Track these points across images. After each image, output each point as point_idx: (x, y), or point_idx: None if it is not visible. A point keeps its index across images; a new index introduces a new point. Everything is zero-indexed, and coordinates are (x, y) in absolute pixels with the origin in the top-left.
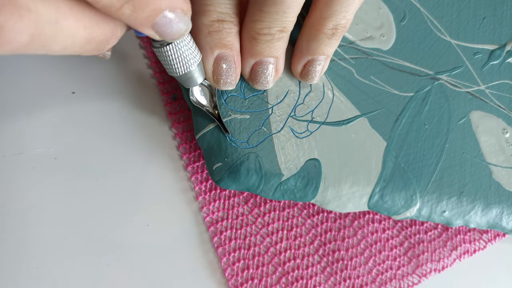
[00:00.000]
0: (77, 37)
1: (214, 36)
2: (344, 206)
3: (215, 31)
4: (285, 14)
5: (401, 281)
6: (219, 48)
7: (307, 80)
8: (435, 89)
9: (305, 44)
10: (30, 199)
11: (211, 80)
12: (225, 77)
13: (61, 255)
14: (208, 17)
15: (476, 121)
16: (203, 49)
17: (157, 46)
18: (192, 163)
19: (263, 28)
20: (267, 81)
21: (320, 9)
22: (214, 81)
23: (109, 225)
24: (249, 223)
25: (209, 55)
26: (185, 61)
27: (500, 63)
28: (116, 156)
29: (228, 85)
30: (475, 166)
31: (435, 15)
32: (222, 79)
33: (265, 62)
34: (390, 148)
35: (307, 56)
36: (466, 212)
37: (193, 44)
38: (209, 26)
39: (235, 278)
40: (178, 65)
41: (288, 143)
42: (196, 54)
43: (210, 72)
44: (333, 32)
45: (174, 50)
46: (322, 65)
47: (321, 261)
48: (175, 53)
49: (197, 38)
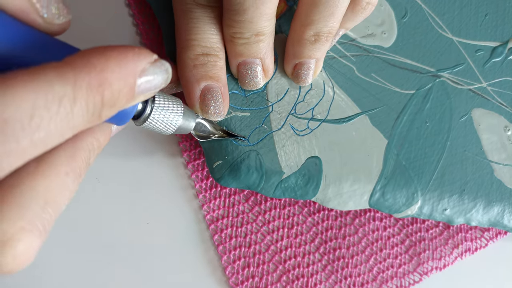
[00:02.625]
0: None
1: (199, 69)
2: (345, 204)
3: (200, 64)
4: (251, 23)
5: (402, 279)
6: (205, 80)
7: (299, 82)
8: (437, 87)
9: (291, 48)
10: None
11: (199, 111)
12: (213, 108)
13: (61, 253)
14: (192, 51)
15: (477, 119)
16: (189, 82)
17: (139, 124)
18: (193, 161)
19: (236, 33)
20: (254, 82)
21: (301, 16)
22: (202, 112)
23: (110, 222)
24: (249, 221)
25: (196, 87)
26: (170, 120)
27: (502, 60)
28: (116, 154)
29: (217, 115)
30: (476, 164)
31: (437, 12)
32: (211, 110)
33: (248, 63)
34: (391, 146)
35: (295, 59)
36: (467, 210)
37: (169, 101)
38: (194, 60)
39: (236, 276)
40: (167, 126)
41: (289, 141)
42: (177, 108)
43: (198, 104)
44: (315, 39)
45: (154, 121)
46: (312, 68)
47: (322, 259)
48: (156, 122)
49: (183, 71)
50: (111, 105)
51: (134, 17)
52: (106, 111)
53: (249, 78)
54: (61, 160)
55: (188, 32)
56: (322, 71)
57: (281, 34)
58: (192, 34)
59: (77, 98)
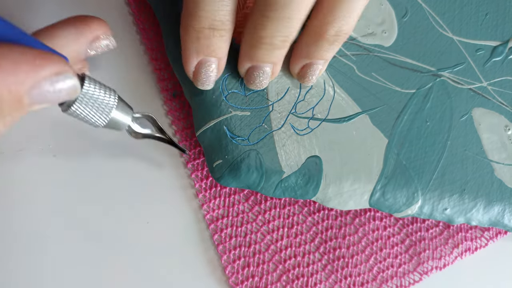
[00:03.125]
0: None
1: (201, 42)
2: (345, 204)
3: (204, 37)
4: (289, 20)
5: (402, 278)
6: (204, 54)
7: (304, 82)
8: (437, 86)
9: (304, 48)
10: (29, 196)
11: (190, 77)
12: (204, 80)
13: (61, 252)
14: (198, 22)
15: (478, 118)
16: (189, 51)
17: (64, 109)
18: (192, 160)
19: (265, 37)
20: (262, 84)
21: (323, 14)
22: (193, 81)
23: (109, 222)
24: (249, 221)
25: (194, 58)
26: (99, 113)
27: (502, 60)
28: (115, 153)
29: (206, 86)
30: (477, 163)
31: (437, 11)
32: (201, 81)
33: (261, 67)
34: (391, 145)
35: (306, 59)
36: (467, 210)
37: (100, 90)
38: (198, 32)
39: (236, 276)
40: (94, 119)
41: (289, 140)
42: (108, 100)
43: (191, 73)
44: (334, 39)
45: (81, 108)
46: (320, 68)
47: (322, 259)
48: (83, 110)
49: (185, 39)
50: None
51: (134, 17)
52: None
53: (258, 80)
54: None
55: (198, 2)
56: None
57: None
58: (202, 5)
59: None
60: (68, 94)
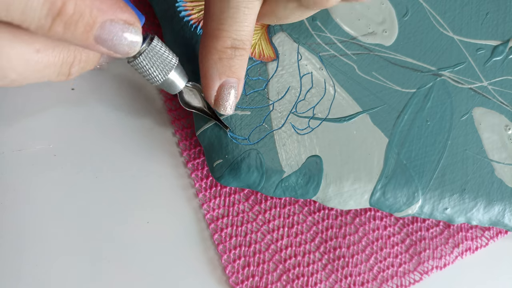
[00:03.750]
0: (31, 61)
1: (224, 63)
2: (345, 203)
3: (227, 58)
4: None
5: (403, 278)
6: (226, 75)
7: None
8: (438, 85)
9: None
10: (30, 196)
11: (211, 103)
12: (227, 104)
13: (61, 252)
14: (221, 42)
15: (478, 118)
16: (210, 74)
17: (130, 60)
18: (193, 160)
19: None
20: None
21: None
22: (215, 105)
23: (109, 222)
24: (249, 220)
25: (216, 81)
26: (160, 69)
27: (503, 59)
28: (115, 152)
29: (229, 110)
30: (477, 163)
31: (438, 10)
32: (224, 105)
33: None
34: (392, 145)
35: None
36: (468, 209)
37: (165, 50)
38: (220, 52)
39: (236, 276)
40: (154, 74)
41: (290, 140)
42: (170, 60)
43: (213, 97)
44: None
45: (145, 62)
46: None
47: (322, 259)
48: (147, 64)
49: (206, 61)
50: (65, 20)
51: None
52: (58, 23)
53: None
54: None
55: (221, 22)
56: (323, 69)
57: (282, 32)
58: (225, 25)
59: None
60: (129, 46)
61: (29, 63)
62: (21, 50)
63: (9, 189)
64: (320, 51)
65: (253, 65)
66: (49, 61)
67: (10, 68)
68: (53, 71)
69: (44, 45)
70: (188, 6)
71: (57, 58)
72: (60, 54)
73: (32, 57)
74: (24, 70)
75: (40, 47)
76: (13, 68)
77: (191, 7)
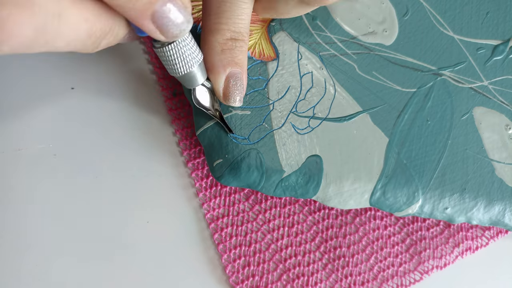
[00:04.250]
0: (80, 30)
1: (227, 54)
2: (345, 203)
3: (228, 49)
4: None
5: (403, 278)
6: (231, 66)
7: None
8: (438, 85)
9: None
10: (30, 196)
11: (220, 97)
12: (235, 94)
13: (61, 251)
14: (222, 35)
15: (479, 117)
16: (215, 67)
17: (158, 46)
18: (193, 160)
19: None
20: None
21: None
22: (223, 98)
23: (109, 221)
24: (250, 220)
25: (222, 72)
26: (187, 60)
27: (503, 59)
28: (116, 152)
29: (238, 102)
30: (477, 162)
31: (438, 9)
32: (233, 96)
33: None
34: (392, 145)
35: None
36: (468, 209)
37: (194, 43)
38: (222, 44)
39: (236, 275)
40: (180, 64)
41: (290, 139)
42: (197, 54)
43: (221, 90)
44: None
45: (175, 50)
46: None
47: (323, 258)
48: (176, 52)
49: (209, 55)
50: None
51: None
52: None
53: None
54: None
55: (219, 16)
56: (324, 69)
57: (282, 31)
58: (223, 18)
59: None
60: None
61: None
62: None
63: (9, 189)
64: (320, 51)
65: (253, 65)
66: (92, 31)
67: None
68: (91, 42)
69: (92, 14)
70: None
71: (98, 29)
72: (102, 25)
73: (81, 26)
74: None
75: (89, 17)
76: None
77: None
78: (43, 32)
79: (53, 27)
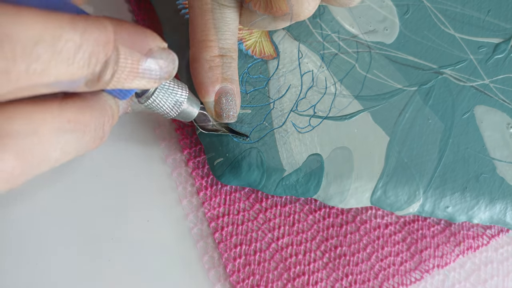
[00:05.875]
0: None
1: (215, 71)
2: (346, 202)
3: (216, 66)
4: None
5: (404, 276)
6: (220, 83)
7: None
8: (439, 83)
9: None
10: (29, 196)
11: (212, 114)
12: (227, 111)
13: (61, 251)
14: (209, 52)
15: (480, 116)
16: (204, 84)
17: (143, 101)
18: (193, 158)
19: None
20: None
21: None
22: (216, 115)
23: (109, 220)
24: (250, 219)
25: (211, 90)
26: (173, 102)
27: (505, 57)
28: (116, 151)
29: (231, 118)
30: (479, 161)
31: (439, 8)
32: (225, 113)
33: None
34: (393, 143)
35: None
36: (469, 208)
37: (174, 84)
38: (210, 61)
39: (237, 274)
40: (169, 109)
41: (290, 138)
42: (182, 92)
43: (212, 107)
44: None
45: (159, 99)
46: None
47: (323, 257)
48: (161, 100)
49: (198, 73)
50: (112, 71)
51: (134, 13)
52: (107, 74)
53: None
54: (68, 108)
55: (206, 33)
56: (324, 67)
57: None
58: (210, 35)
59: (82, 47)
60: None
61: (65, 135)
62: (55, 125)
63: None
64: (321, 49)
65: (254, 63)
66: (83, 127)
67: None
68: (90, 137)
69: (71, 112)
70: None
71: (89, 122)
72: (90, 117)
73: (65, 127)
74: (63, 145)
75: (70, 117)
76: (54, 147)
77: None
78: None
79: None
